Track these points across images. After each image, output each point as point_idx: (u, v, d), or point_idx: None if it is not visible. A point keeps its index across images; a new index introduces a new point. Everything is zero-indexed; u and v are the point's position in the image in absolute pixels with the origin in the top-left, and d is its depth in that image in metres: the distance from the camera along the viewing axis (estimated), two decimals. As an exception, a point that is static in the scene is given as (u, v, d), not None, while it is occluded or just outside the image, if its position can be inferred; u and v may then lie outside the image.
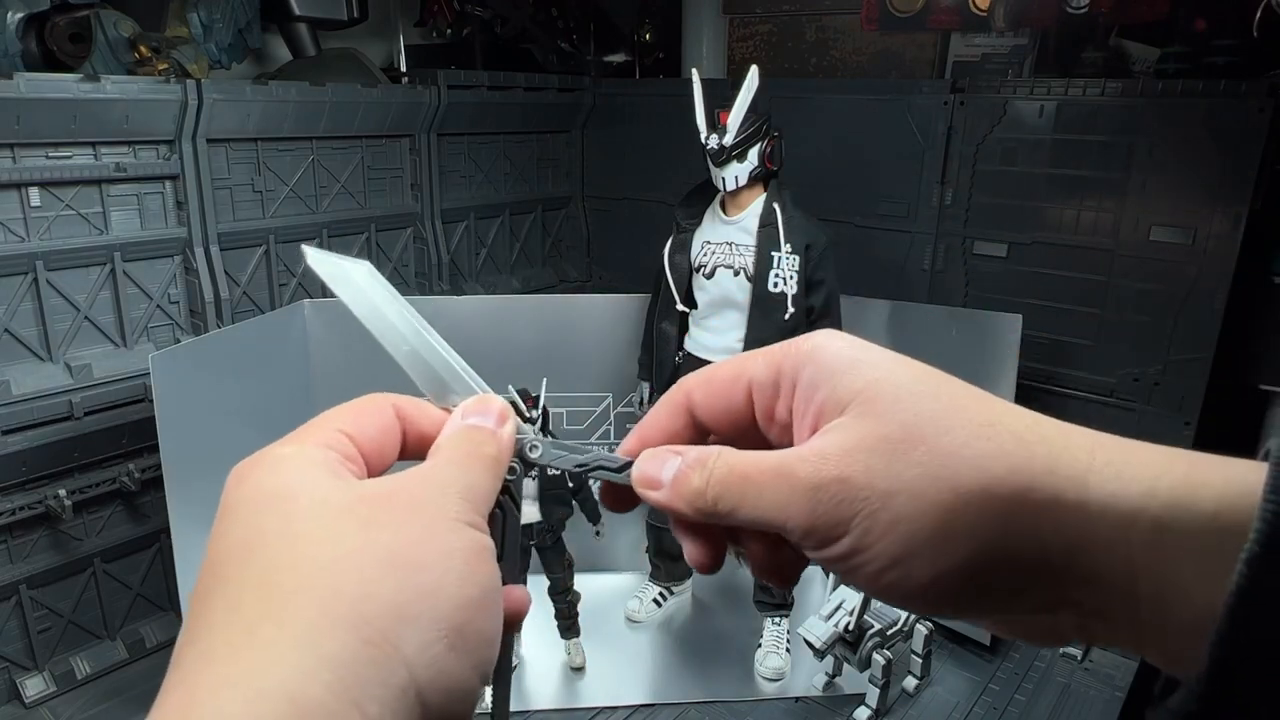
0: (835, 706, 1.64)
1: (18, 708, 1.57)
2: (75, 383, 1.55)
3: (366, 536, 0.29)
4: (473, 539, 0.31)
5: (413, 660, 0.27)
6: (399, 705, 0.26)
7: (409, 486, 0.32)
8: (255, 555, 0.28)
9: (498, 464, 0.36)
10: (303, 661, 0.25)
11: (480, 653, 0.29)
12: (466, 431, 0.36)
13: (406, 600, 0.27)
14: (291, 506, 0.29)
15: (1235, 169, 1.53)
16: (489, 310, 1.93)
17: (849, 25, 2.34)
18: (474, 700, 0.30)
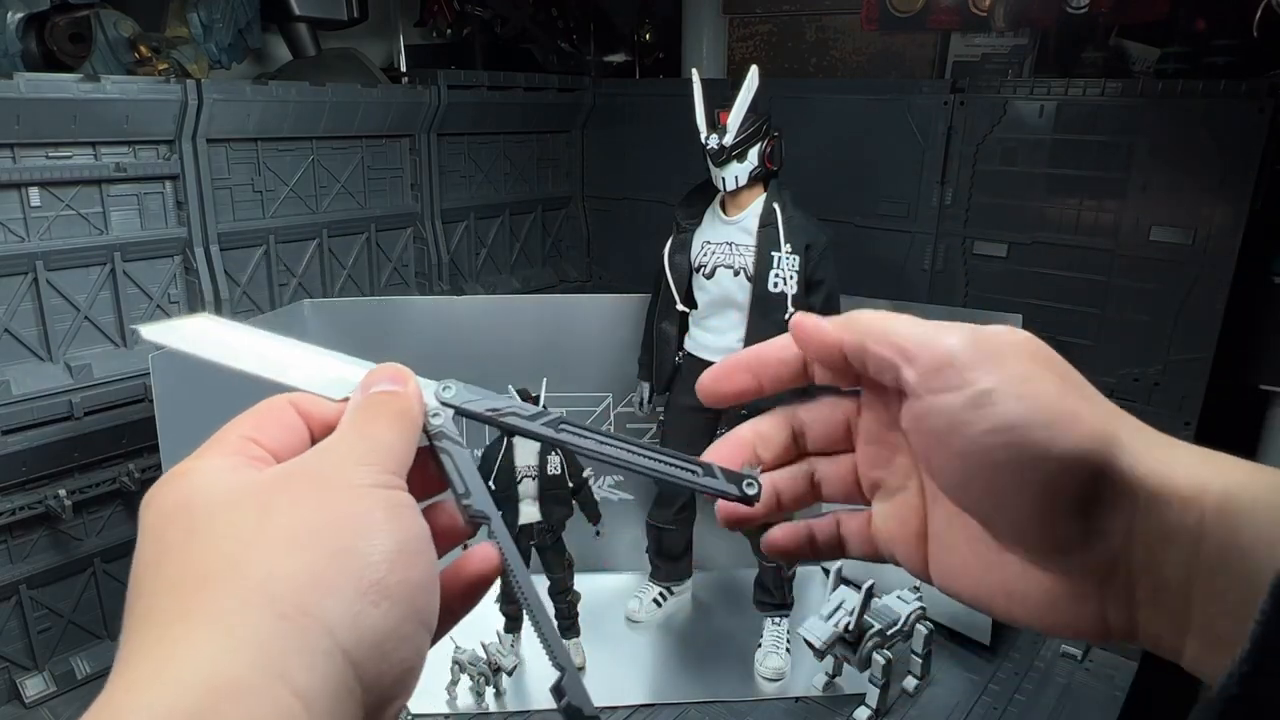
0: (835, 706, 1.64)
1: (18, 708, 1.57)
2: (75, 383, 1.55)
3: (267, 520, 0.29)
4: (379, 498, 0.31)
5: (335, 625, 0.27)
6: (327, 669, 0.26)
7: (305, 463, 0.32)
8: (163, 566, 0.29)
9: (404, 416, 0.36)
10: (217, 648, 0.25)
11: (412, 601, 0.30)
12: (366, 399, 0.36)
13: (318, 570, 0.28)
14: (191, 513, 0.30)
15: (1235, 169, 1.53)
16: (489, 310, 1.93)
17: (849, 25, 2.34)
18: (416, 646, 0.30)
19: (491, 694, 1.62)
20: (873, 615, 1.58)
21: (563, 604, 1.73)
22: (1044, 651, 1.78)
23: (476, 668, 1.59)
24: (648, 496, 1.92)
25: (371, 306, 1.88)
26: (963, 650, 1.78)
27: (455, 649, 1.61)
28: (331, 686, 0.26)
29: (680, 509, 1.85)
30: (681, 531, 1.88)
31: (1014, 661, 1.75)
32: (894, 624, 1.59)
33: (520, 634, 1.75)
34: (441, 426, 0.38)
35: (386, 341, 1.82)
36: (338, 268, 1.99)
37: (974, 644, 1.78)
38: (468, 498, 0.37)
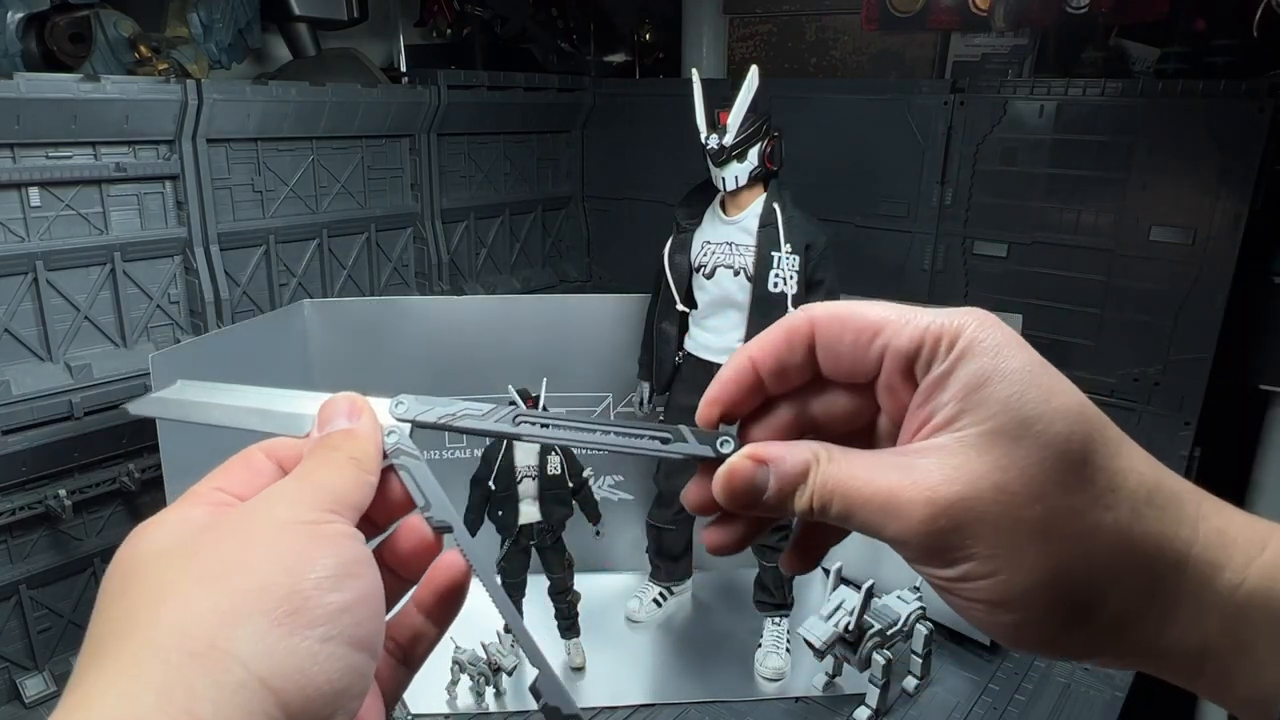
0: (835, 706, 1.64)
1: (18, 708, 1.57)
2: (75, 383, 1.55)
3: (190, 564, 0.30)
4: (303, 532, 0.32)
5: (247, 656, 0.28)
6: (239, 699, 0.27)
7: (243, 508, 0.34)
8: (98, 620, 0.30)
9: (353, 460, 0.36)
10: (121, 689, 0.26)
11: (333, 624, 0.30)
12: (318, 442, 0.37)
13: (231, 606, 0.28)
14: (131, 566, 0.31)
15: (1235, 169, 1.53)
16: (489, 310, 1.93)
17: (849, 25, 2.34)
18: (348, 667, 0.30)
19: (491, 694, 1.62)
20: (873, 615, 1.58)
21: (563, 604, 1.73)
22: (1044, 651, 1.78)
23: (476, 668, 1.59)
24: (648, 496, 1.92)
25: (371, 306, 1.88)
26: (963, 650, 1.78)
27: (455, 649, 1.61)
28: (245, 716, 0.27)
29: (680, 509, 1.85)
30: (681, 531, 1.88)
31: (1014, 661, 1.75)
32: (894, 624, 1.59)
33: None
34: (398, 443, 0.39)
35: (386, 341, 1.82)
36: (338, 268, 1.99)
37: (974, 644, 1.78)
38: (428, 510, 0.38)
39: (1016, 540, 0.31)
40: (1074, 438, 0.32)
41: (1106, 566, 0.31)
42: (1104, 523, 0.31)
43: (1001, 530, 0.31)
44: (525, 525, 1.65)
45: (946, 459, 0.32)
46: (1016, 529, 0.31)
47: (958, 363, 0.34)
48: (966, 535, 0.31)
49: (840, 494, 0.34)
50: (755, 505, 0.36)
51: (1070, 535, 0.31)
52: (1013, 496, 0.31)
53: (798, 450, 0.36)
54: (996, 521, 0.31)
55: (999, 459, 0.31)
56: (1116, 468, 0.32)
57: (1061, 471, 0.31)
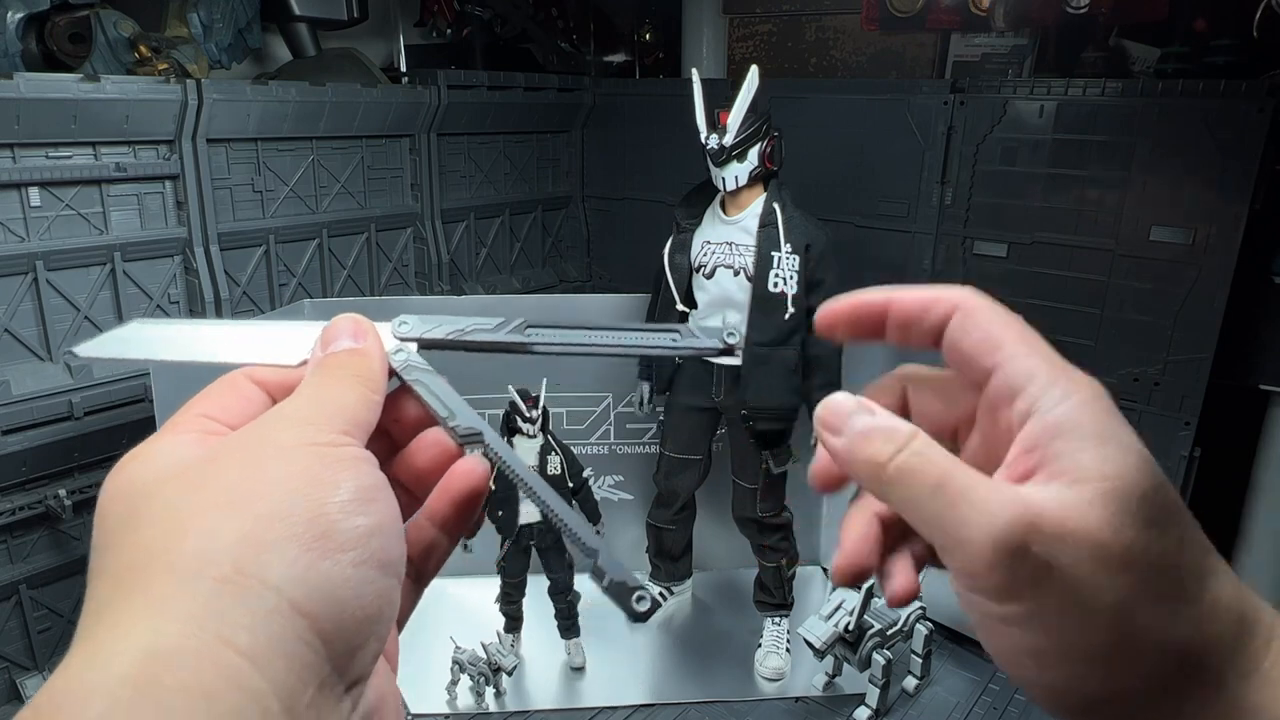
0: (835, 706, 1.64)
1: (18, 708, 1.56)
2: (75, 383, 1.55)
3: (203, 490, 0.29)
4: (320, 454, 0.31)
5: (278, 581, 0.27)
6: (273, 626, 0.26)
7: (246, 430, 0.32)
8: (106, 552, 0.29)
9: (361, 376, 0.35)
10: (152, 620, 0.25)
11: (366, 548, 0.29)
12: (324, 360, 0.36)
13: (257, 530, 0.28)
14: (132, 495, 0.30)
15: (1235, 169, 1.53)
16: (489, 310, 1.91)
17: (849, 25, 2.34)
18: (377, 591, 0.30)
19: (491, 694, 1.62)
20: (873, 615, 1.58)
21: (563, 604, 1.73)
22: (1044, 651, 1.78)
23: (476, 668, 1.59)
24: (648, 496, 1.92)
25: (371, 306, 1.88)
26: (963, 650, 1.78)
27: (455, 649, 1.61)
28: (281, 642, 0.26)
29: (680, 509, 1.85)
30: (681, 531, 1.88)
31: (1014, 661, 1.75)
32: (894, 624, 1.59)
33: (520, 634, 1.75)
34: (407, 361, 0.37)
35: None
36: (338, 268, 1.99)
37: (974, 644, 1.78)
38: (453, 419, 0.37)
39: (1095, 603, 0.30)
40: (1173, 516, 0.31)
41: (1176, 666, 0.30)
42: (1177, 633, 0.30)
43: (1085, 586, 0.30)
44: (525, 525, 1.65)
45: (1054, 498, 0.31)
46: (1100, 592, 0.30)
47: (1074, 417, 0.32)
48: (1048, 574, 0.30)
49: (931, 467, 0.32)
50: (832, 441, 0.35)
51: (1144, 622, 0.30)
52: (1108, 560, 0.30)
53: (902, 420, 0.35)
54: (1083, 576, 0.30)
55: (1109, 521, 0.30)
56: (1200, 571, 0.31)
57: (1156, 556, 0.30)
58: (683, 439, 1.79)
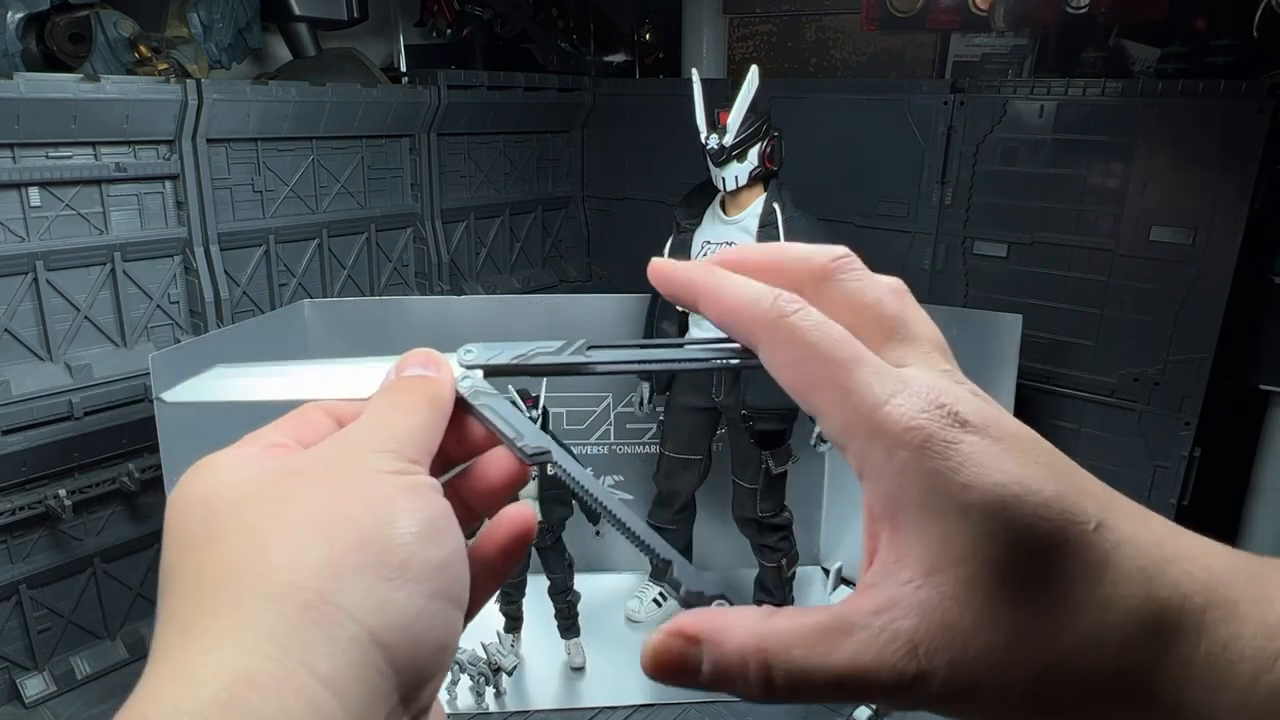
0: (835, 706, 1.64)
1: (18, 708, 1.57)
2: (75, 383, 1.55)
3: (284, 510, 0.29)
4: (395, 483, 0.31)
5: (357, 610, 0.27)
6: (352, 654, 0.27)
7: (323, 450, 0.32)
8: (184, 565, 0.29)
9: (433, 401, 0.35)
10: (237, 641, 0.26)
11: (437, 580, 0.30)
12: (396, 382, 0.36)
13: (338, 557, 0.28)
14: (210, 509, 0.30)
15: (1235, 169, 1.53)
16: (489, 310, 1.93)
17: (849, 25, 2.34)
18: (445, 623, 0.30)
19: (491, 694, 1.62)
20: (873, 615, 1.58)
21: (563, 604, 1.73)
22: (1044, 651, 1.78)
23: (476, 668, 1.59)
24: (648, 497, 1.92)
25: (371, 306, 1.88)
26: (963, 650, 1.78)
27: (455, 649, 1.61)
28: (360, 671, 0.27)
29: (680, 509, 1.85)
30: (681, 532, 1.88)
31: (1014, 661, 1.75)
32: (894, 624, 1.59)
33: (520, 634, 1.75)
34: (474, 386, 0.38)
35: (386, 341, 1.81)
36: (338, 268, 1.99)
37: (974, 644, 1.78)
38: (521, 439, 0.37)
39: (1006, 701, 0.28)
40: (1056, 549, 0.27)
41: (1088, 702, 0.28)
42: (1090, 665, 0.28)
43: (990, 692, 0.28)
44: (525, 525, 1.64)
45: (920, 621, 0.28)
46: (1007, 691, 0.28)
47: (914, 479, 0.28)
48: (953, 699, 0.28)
49: (798, 674, 0.29)
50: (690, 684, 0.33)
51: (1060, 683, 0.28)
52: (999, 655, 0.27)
53: (737, 631, 0.31)
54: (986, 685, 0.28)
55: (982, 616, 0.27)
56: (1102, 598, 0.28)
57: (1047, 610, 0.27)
58: (683, 439, 1.79)
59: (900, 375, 0.30)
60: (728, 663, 0.31)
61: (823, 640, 0.29)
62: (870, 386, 0.29)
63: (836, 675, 0.28)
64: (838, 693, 0.29)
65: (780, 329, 0.31)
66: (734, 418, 1.70)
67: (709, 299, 0.34)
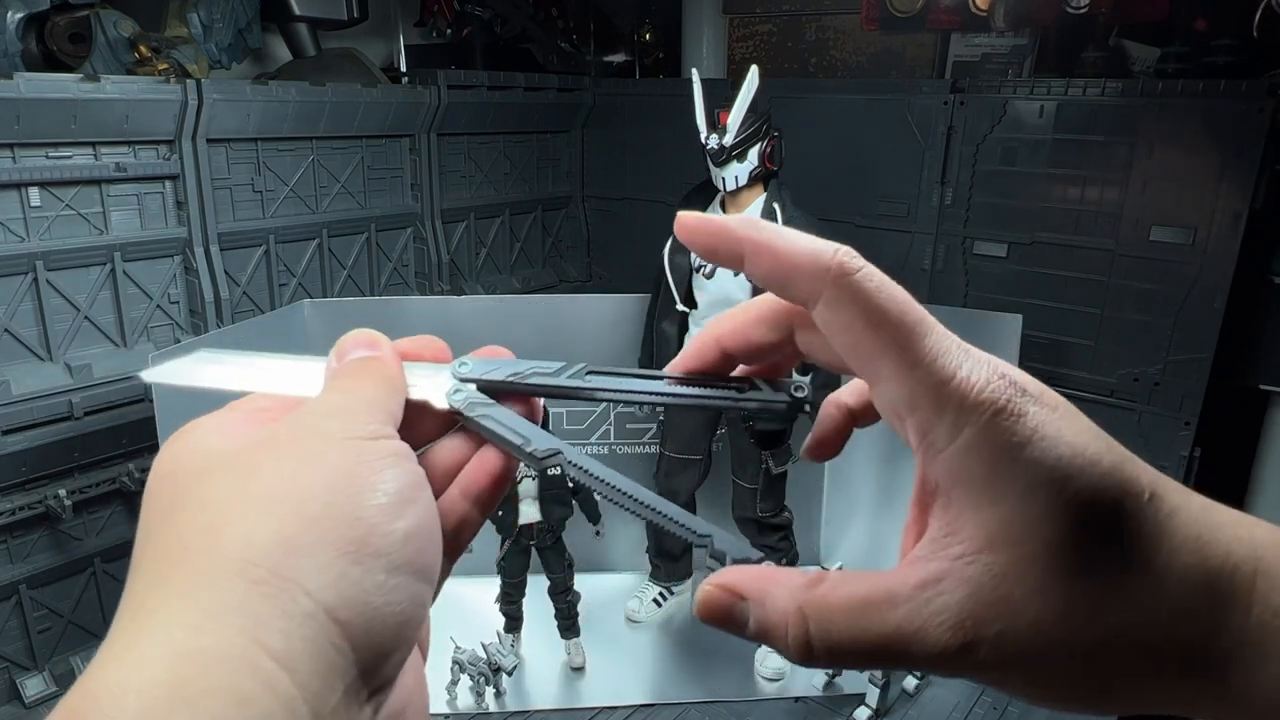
0: (835, 706, 1.64)
1: (18, 708, 1.57)
2: (75, 383, 1.55)
3: (246, 484, 0.29)
4: (365, 449, 0.31)
5: (312, 586, 0.27)
6: (306, 630, 0.26)
7: (292, 421, 0.32)
8: (149, 540, 0.29)
9: (382, 375, 0.35)
10: (189, 619, 0.25)
11: (400, 553, 0.29)
12: (341, 366, 0.36)
13: (294, 532, 0.27)
14: (176, 482, 0.30)
15: (1235, 169, 1.53)
16: (489, 310, 1.93)
17: (849, 25, 2.34)
18: (410, 596, 0.29)
19: (491, 694, 1.62)
20: (873, 615, 1.58)
21: (563, 604, 1.73)
22: (1044, 651, 1.78)
23: (476, 668, 1.59)
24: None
25: (371, 306, 1.89)
26: (963, 650, 1.78)
27: (455, 649, 1.61)
28: (314, 648, 0.26)
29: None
30: (681, 531, 1.88)
31: (1014, 661, 1.75)
32: (894, 624, 1.59)
33: (520, 634, 1.75)
34: (469, 398, 0.37)
35: (386, 341, 1.82)
36: (338, 268, 1.99)
37: (974, 644, 1.78)
38: (529, 445, 0.37)
39: (1056, 669, 0.28)
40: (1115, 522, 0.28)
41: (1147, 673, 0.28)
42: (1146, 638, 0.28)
43: (1041, 666, 0.28)
44: (525, 525, 1.65)
45: (970, 593, 0.28)
46: (1056, 662, 0.28)
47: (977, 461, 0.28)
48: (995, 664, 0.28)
49: (838, 641, 0.29)
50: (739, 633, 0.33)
51: (1115, 656, 0.28)
52: (1048, 629, 0.27)
53: (780, 596, 0.31)
54: (1034, 655, 0.28)
55: (1032, 591, 0.27)
56: (1159, 568, 0.28)
57: (1101, 592, 0.27)
58: (683, 439, 1.79)
59: (963, 345, 0.30)
60: (770, 622, 0.31)
61: (865, 613, 0.29)
62: (938, 356, 0.29)
63: (877, 644, 0.29)
64: (877, 661, 0.30)
65: (845, 287, 0.30)
66: (734, 417, 1.70)
67: (760, 251, 0.32)
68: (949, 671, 0.29)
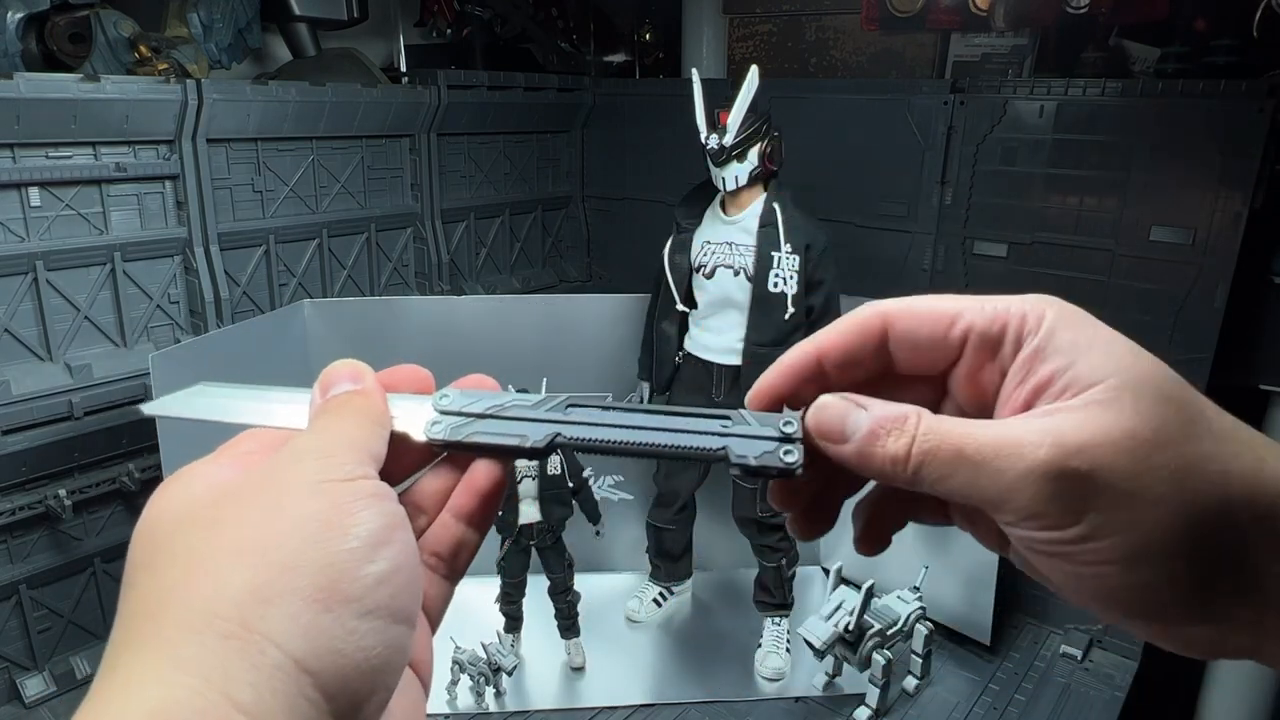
0: (835, 706, 1.64)
1: (18, 708, 1.57)
2: (75, 383, 1.55)
3: (216, 535, 0.29)
4: (335, 493, 0.30)
5: (281, 637, 0.27)
6: (276, 683, 0.26)
7: (265, 468, 0.32)
8: (128, 591, 0.29)
9: (365, 412, 0.35)
10: (162, 674, 0.26)
11: (372, 597, 0.29)
12: (324, 403, 0.36)
13: (262, 583, 0.28)
14: (155, 534, 0.30)
15: (1235, 169, 1.53)
16: (489, 310, 1.93)
17: (849, 25, 2.34)
18: (386, 641, 0.29)
19: (491, 694, 1.62)
20: (873, 615, 1.58)
21: (563, 604, 1.73)
22: (1044, 651, 1.78)
23: (476, 668, 1.59)
24: (648, 496, 1.92)
25: (371, 306, 1.88)
26: (963, 650, 1.78)
27: (455, 649, 1.61)
28: (284, 700, 0.26)
29: (680, 509, 1.85)
30: (681, 531, 1.88)
31: (1014, 661, 1.75)
32: (894, 624, 1.59)
33: (520, 634, 1.75)
34: (452, 425, 0.37)
35: (386, 341, 1.82)
36: (338, 268, 1.99)
37: (974, 644, 1.78)
38: (528, 440, 0.37)
39: (1151, 486, 0.30)
40: (1188, 390, 0.32)
41: (1244, 506, 0.30)
42: (1233, 468, 0.30)
43: (1135, 476, 0.30)
44: (525, 525, 1.65)
45: (1069, 415, 0.31)
46: (1151, 474, 0.30)
47: (1053, 335, 0.33)
48: (1096, 483, 0.30)
49: (948, 440, 0.32)
50: (840, 449, 0.34)
51: (1205, 478, 0.30)
52: (1144, 444, 0.30)
53: (895, 404, 0.34)
54: (1129, 469, 0.30)
55: (1126, 411, 0.31)
56: (1229, 422, 0.32)
57: (1187, 423, 0.31)
58: (683, 439, 1.78)
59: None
60: (889, 415, 0.33)
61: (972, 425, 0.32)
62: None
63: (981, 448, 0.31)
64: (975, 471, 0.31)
65: None
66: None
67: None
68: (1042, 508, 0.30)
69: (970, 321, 0.35)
